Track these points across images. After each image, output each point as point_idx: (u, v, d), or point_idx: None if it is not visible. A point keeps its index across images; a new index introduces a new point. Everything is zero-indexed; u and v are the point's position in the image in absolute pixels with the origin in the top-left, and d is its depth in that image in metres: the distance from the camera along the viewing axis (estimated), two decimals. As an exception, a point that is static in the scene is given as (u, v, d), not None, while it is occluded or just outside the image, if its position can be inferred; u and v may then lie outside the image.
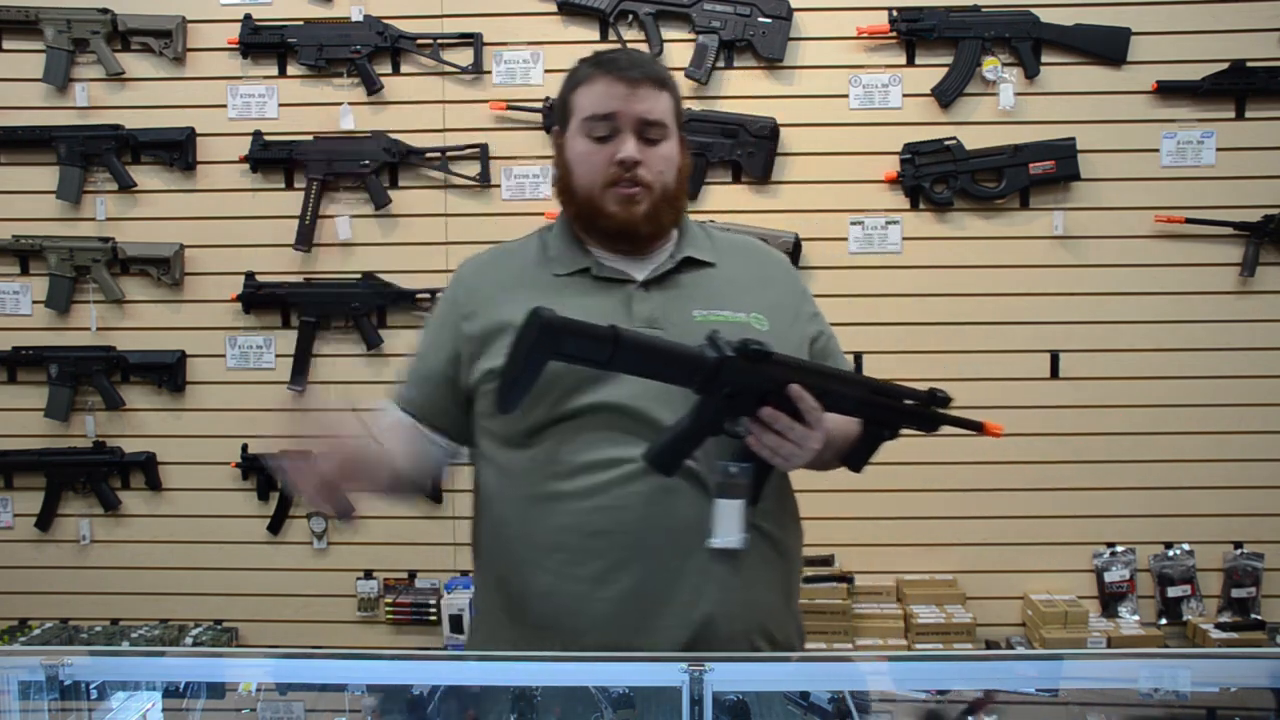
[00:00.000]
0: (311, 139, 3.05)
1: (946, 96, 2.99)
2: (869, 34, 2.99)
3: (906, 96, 3.01)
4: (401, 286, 3.06)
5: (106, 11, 3.06)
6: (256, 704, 1.47)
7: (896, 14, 2.97)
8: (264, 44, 3.05)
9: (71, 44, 3.06)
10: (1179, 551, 3.01)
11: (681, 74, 2.95)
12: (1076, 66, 2.99)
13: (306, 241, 3.06)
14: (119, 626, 3.13)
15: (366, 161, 3.04)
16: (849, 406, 1.47)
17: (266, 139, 3.06)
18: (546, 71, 3.04)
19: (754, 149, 2.99)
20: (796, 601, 1.66)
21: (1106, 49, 2.97)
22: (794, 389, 1.39)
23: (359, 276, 3.08)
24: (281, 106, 3.09)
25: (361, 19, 3.04)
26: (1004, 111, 2.97)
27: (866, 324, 2.97)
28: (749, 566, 1.49)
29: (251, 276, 3.07)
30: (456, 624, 2.96)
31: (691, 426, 1.39)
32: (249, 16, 3.04)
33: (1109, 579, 3.01)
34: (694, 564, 1.46)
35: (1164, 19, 2.97)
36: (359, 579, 3.13)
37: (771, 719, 1.33)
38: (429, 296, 3.05)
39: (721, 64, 3.03)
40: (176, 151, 3.07)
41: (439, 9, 3.06)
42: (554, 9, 3.03)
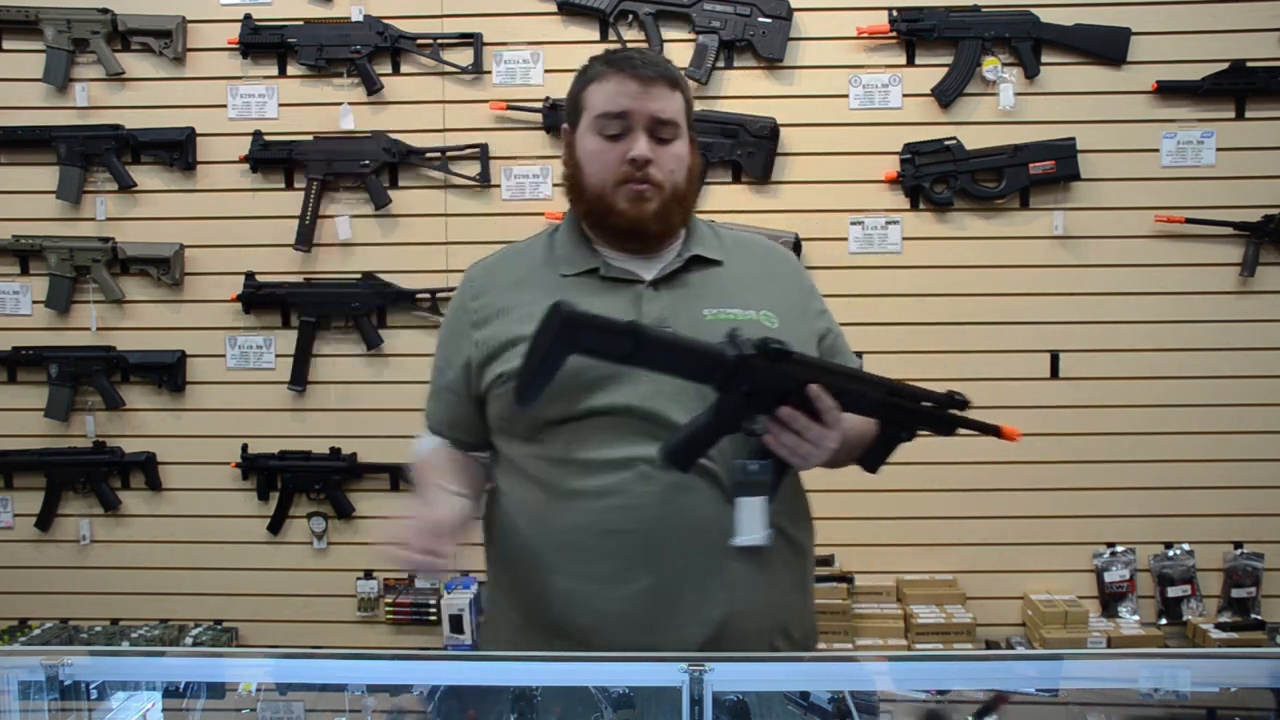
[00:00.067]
0: (311, 139, 3.06)
1: (946, 96, 2.99)
2: (869, 34, 2.99)
3: (906, 96, 3.01)
4: (401, 286, 3.06)
5: (106, 11, 3.06)
6: (256, 704, 1.47)
7: (896, 14, 2.97)
8: (264, 44, 3.05)
9: (71, 44, 3.06)
10: (1179, 551, 3.01)
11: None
12: (1076, 66, 2.99)
13: (306, 241, 3.06)
14: (119, 626, 3.13)
15: (366, 161, 3.04)
16: (866, 407, 1.47)
17: (266, 139, 3.06)
18: (546, 71, 3.04)
19: (754, 149, 2.99)
20: (812, 599, 1.66)
21: (1106, 49, 2.97)
22: (812, 389, 1.39)
23: (359, 276, 3.08)
24: (281, 106, 3.09)
25: (361, 19, 3.04)
26: (1004, 111, 2.97)
27: (866, 324, 2.97)
28: (767, 565, 1.48)
29: (251, 276, 3.07)
30: (456, 624, 2.96)
31: (709, 423, 1.39)
32: (249, 16, 3.04)
33: (1109, 579, 3.01)
34: (711, 563, 1.45)
35: (1164, 19, 2.97)
36: (359, 579, 3.13)
37: (771, 719, 1.33)
38: (429, 296, 3.06)
39: (721, 64, 3.03)
40: (176, 151, 3.07)
41: (439, 9, 3.06)
42: (554, 9, 3.03)
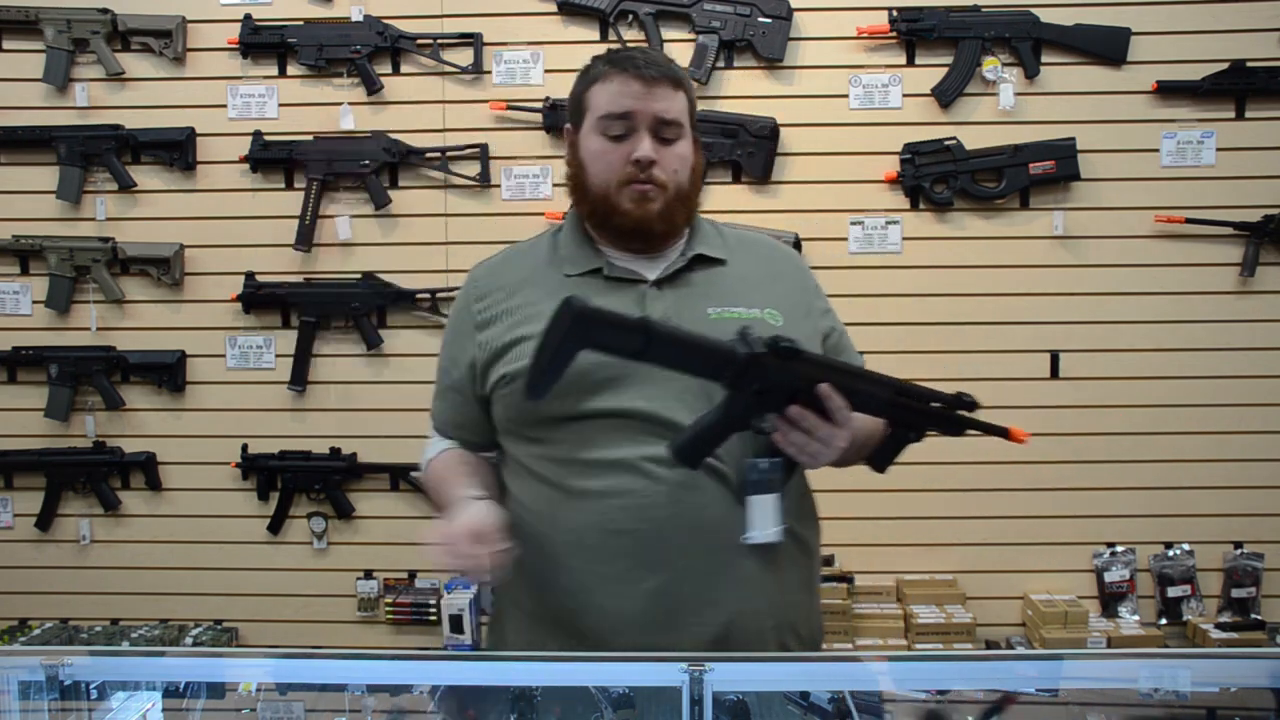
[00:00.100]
0: (311, 139, 3.05)
1: (946, 96, 2.99)
2: (869, 34, 2.99)
3: (906, 96, 3.01)
4: (401, 286, 3.06)
5: (106, 11, 3.06)
6: (256, 704, 1.47)
7: (896, 14, 2.97)
8: (264, 44, 3.05)
9: (71, 44, 3.06)
10: (1179, 551, 3.01)
11: (681, 74, 2.95)
12: (1076, 66, 2.99)
13: (306, 241, 3.06)
14: (119, 626, 3.13)
15: (366, 161, 3.03)
16: (876, 407, 1.47)
17: (266, 139, 3.06)
18: (546, 71, 3.04)
19: (754, 149, 2.98)
20: (818, 598, 1.66)
21: (1106, 49, 2.97)
22: (823, 388, 1.39)
23: (359, 276, 3.08)
24: (281, 106, 3.08)
25: (361, 19, 3.04)
26: (1004, 111, 2.97)
27: (866, 324, 2.95)
28: (776, 564, 1.48)
29: (251, 276, 3.07)
30: (456, 624, 2.96)
31: (719, 420, 1.39)
32: (249, 16, 3.04)
33: (1109, 579, 3.01)
34: (719, 562, 1.45)
35: (1164, 19, 2.97)
36: (359, 579, 3.13)
37: (771, 719, 1.33)
38: (429, 296, 3.06)
39: (721, 64, 3.03)
40: (176, 151, 3.07)
41: (439, 9, 3.05)
42: (554, 9, 3.03)
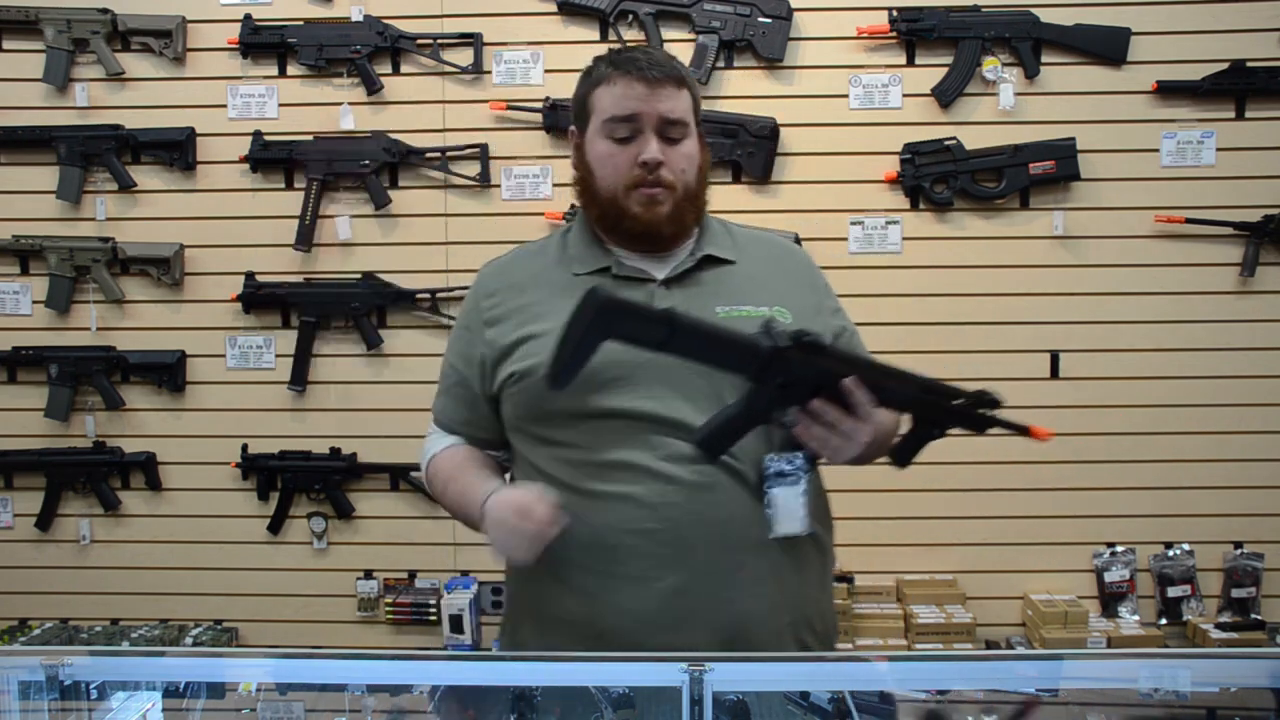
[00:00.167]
0: (311, 139, 3.05)
1: (946, 96, 2.99)
2: (869, 34, 2.99)
3: (906, 96, 3.01)
4: (401, 286, 3.06)
5: (106, 11, 3.06)
6: (256, 704, 1.47)
7: (896, 14, 2.97)
8: (264, 44, 3.05)
9: (71, 44, 3.06)
10: (1179, 551, 3.01)
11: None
12: (1076, 66, 2.99)
13: (306, 241, 3.06)
14: (119, 626, 3.13)
15: (366, 161, 3.03)
16: (899, 403, 1.47)
17: (266, 139, 3.06)
18: (546, 71, 3.04)
19: (754, 149, 2.98)
20: (832, 595, 1.67)
21: (1106, 49, 2.97)
22: (847, 383, 1.38)
23: (359, 276, 3.08)
24: (281, 106, 3.08)
25: (361, 19, 3.04)
26: (1004, 111, 2.97)
27: (866, 324, 2.87)
28: (793, 561, 1.49)
29: (251, 276, 3.07)
30: (456, 624, 2.96)
31: (741, 413, 1.38)
32: (249, 16, 3.04)
33: (1109, 579, 3.01)
34: (738, 560, 1.45)
35: (1164, 19, 2.97)
36: (359, 579, 3.13)
37: (771, 719, 1.33)
38: (429, 296, 3.06)
39: (721, 64, 3.02)
40: (176, 151, 3.07)
41: (439, 9, 3.05)
42: (554, 9, 3.03)
